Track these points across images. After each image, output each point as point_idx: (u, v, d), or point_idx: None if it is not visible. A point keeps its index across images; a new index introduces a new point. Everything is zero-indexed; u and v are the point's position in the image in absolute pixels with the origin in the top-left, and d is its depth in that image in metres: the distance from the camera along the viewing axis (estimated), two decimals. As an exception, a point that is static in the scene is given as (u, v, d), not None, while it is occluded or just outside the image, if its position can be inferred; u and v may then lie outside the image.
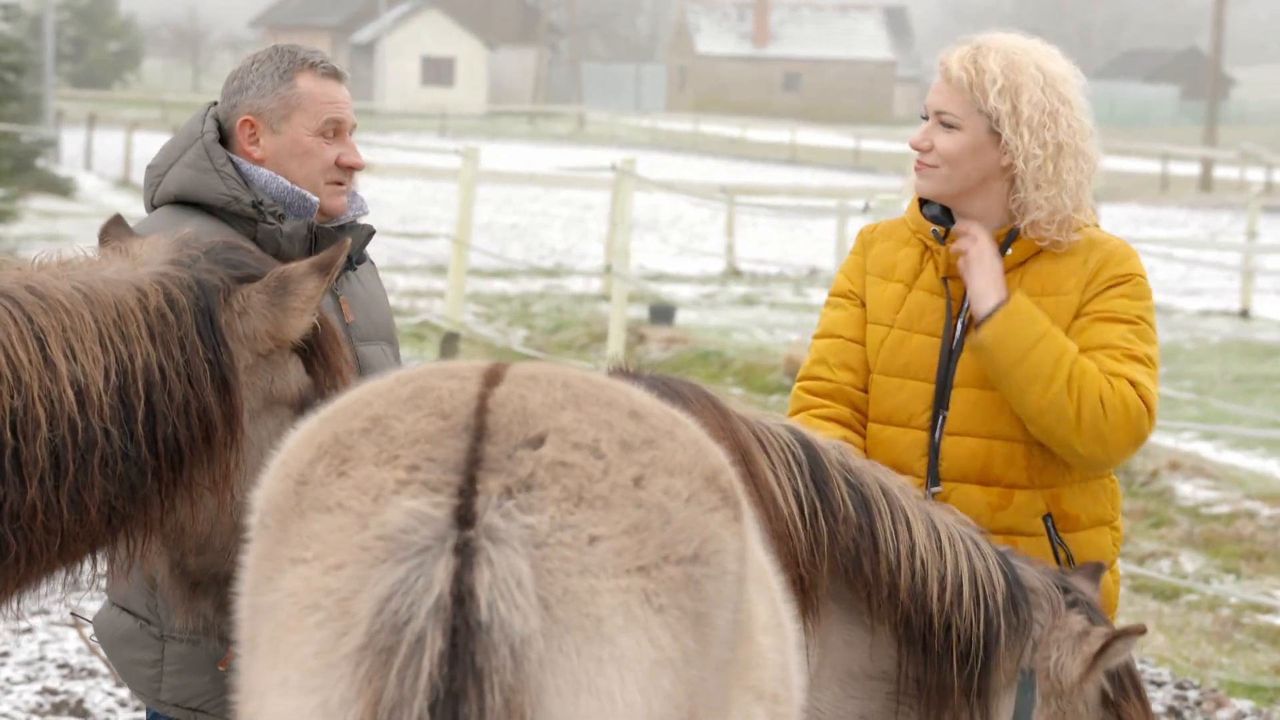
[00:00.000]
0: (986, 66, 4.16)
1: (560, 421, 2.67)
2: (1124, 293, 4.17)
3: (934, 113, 4.22)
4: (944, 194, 4.23)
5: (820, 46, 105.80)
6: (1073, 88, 4.22)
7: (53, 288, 3.49)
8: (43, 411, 3.38)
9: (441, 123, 67.57)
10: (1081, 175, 4.19)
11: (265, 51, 4.32)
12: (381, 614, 2.44)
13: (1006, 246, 4.22)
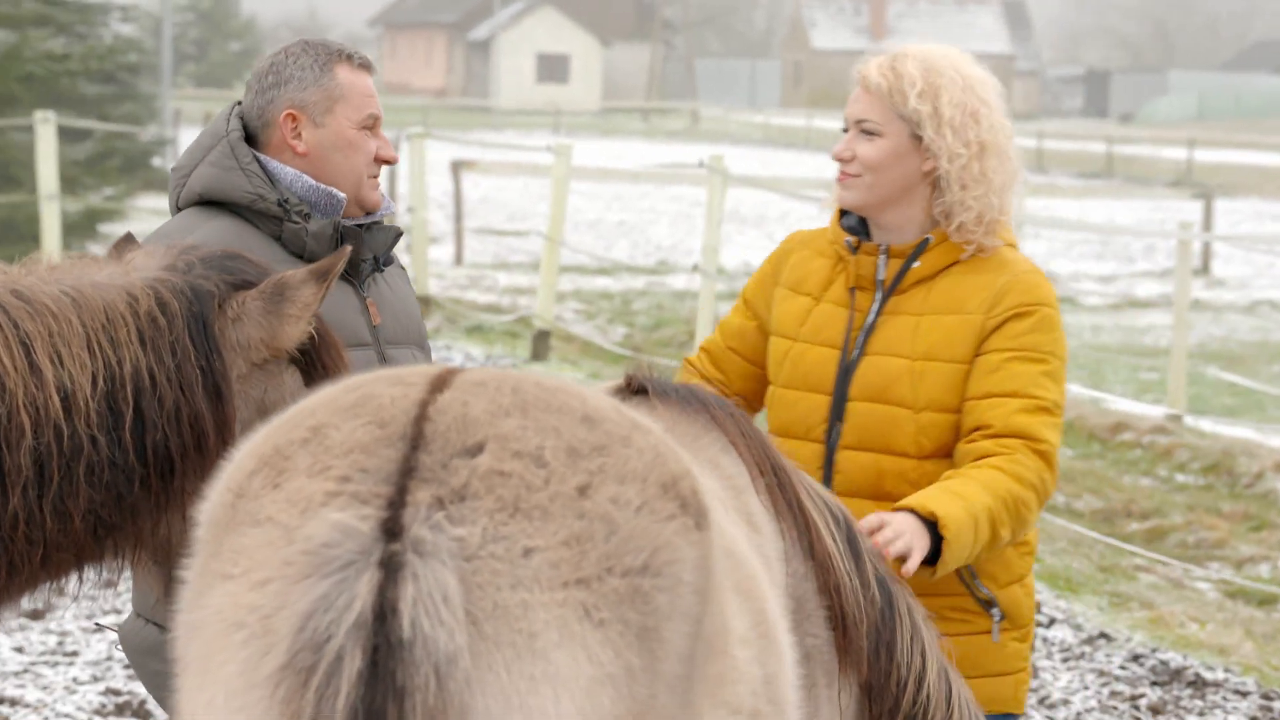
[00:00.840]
0: (905, 71, 4.12)
1: (502, 429, 2.58)
2: (1034, 326, 4.10)
3: (854, 122, 4.19)
4: (868, 203, 4.19)
5: (938, 40, 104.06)
6: (991, 91, 4.20)
7: (40, 292, 3.43)
8: (27, 419, 3.32)
9: (555, 120, 67.75)
10: (1006, 176, 4.14)
11: (295, 46, 4.23)
12: (302, 632, 2.37)
13: (914, 259, 4.17)
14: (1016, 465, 3.94)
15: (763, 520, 3.33)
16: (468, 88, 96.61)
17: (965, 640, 4.12)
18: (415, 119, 64.87)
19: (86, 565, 3.51)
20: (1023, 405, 4.01)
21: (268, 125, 4.17)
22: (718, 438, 3.41)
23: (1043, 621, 8.70)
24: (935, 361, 4.09)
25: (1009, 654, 4.18)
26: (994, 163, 4.12)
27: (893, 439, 4.11)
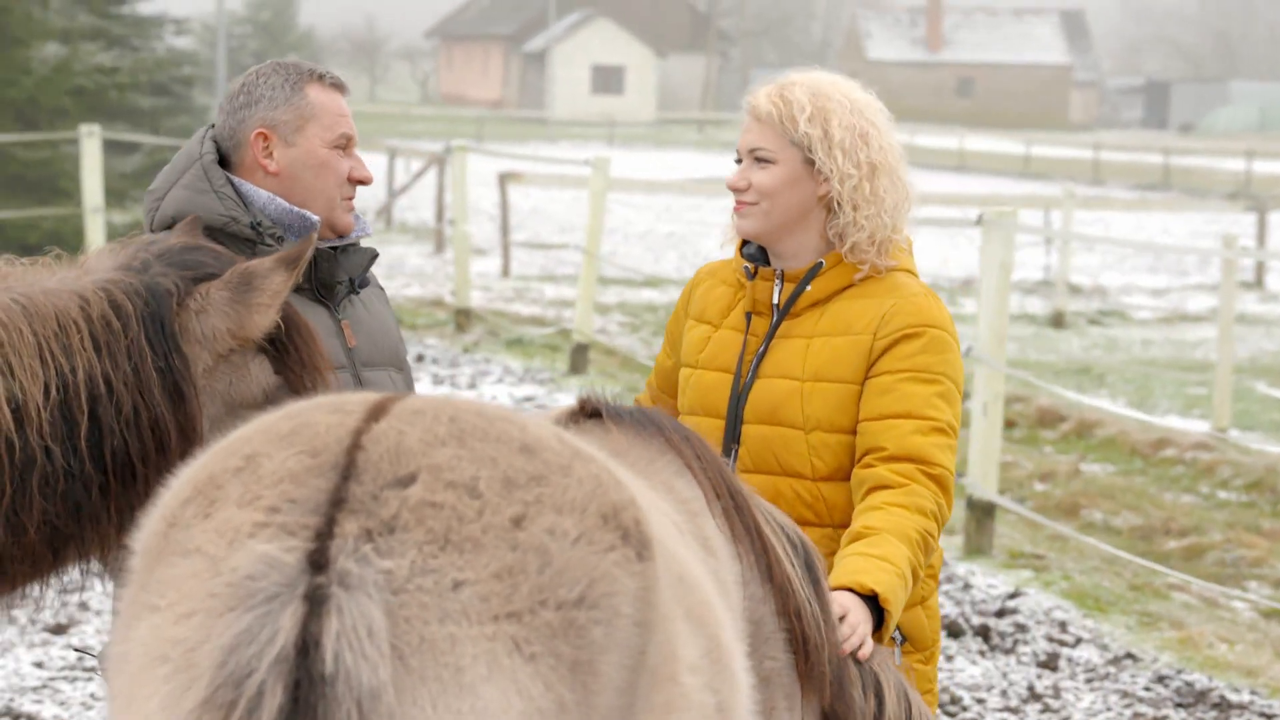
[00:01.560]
0: (793, 98, 4.18)
1: (436, 459, 2.55)
2: (925, 348, 4.14)
3: (747, 152, 4.24)
4: (765, 230, 4.24)
5: (994, 51, 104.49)
6: (879, 114, 4.25)
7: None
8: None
9: (610, 131, 67.80)
10: (898, 196, 4.19)
11: (267, 66, 4.21)
12: (225, 666, 2.35)
13: (806, 283, 4.22)
14: (914, 497, 4.00)
15: (719, 544, 3.30)
16: (523, 99, 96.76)
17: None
18: (470, 131, 65.06)
19: (46, 575, 3.47)
20: (916, 426, 4.06)
21: (239, 145, 4.14)
22: (672, 461, 3.38)
23: (1069, 641, 8.60)
24: (823, 382, 4.15)
25: (914, 677, 4.16)
26: (885, 182, 4.17)
27: (786, 460, 4.17)
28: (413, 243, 29.23)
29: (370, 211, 33.25)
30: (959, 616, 8.86)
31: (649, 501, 3.07)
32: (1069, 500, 11.99)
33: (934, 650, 4.25)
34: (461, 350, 17.04)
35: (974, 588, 9.48)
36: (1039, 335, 20.85)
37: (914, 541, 3.91)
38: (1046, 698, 7.81)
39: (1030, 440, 14.17)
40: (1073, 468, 12.99)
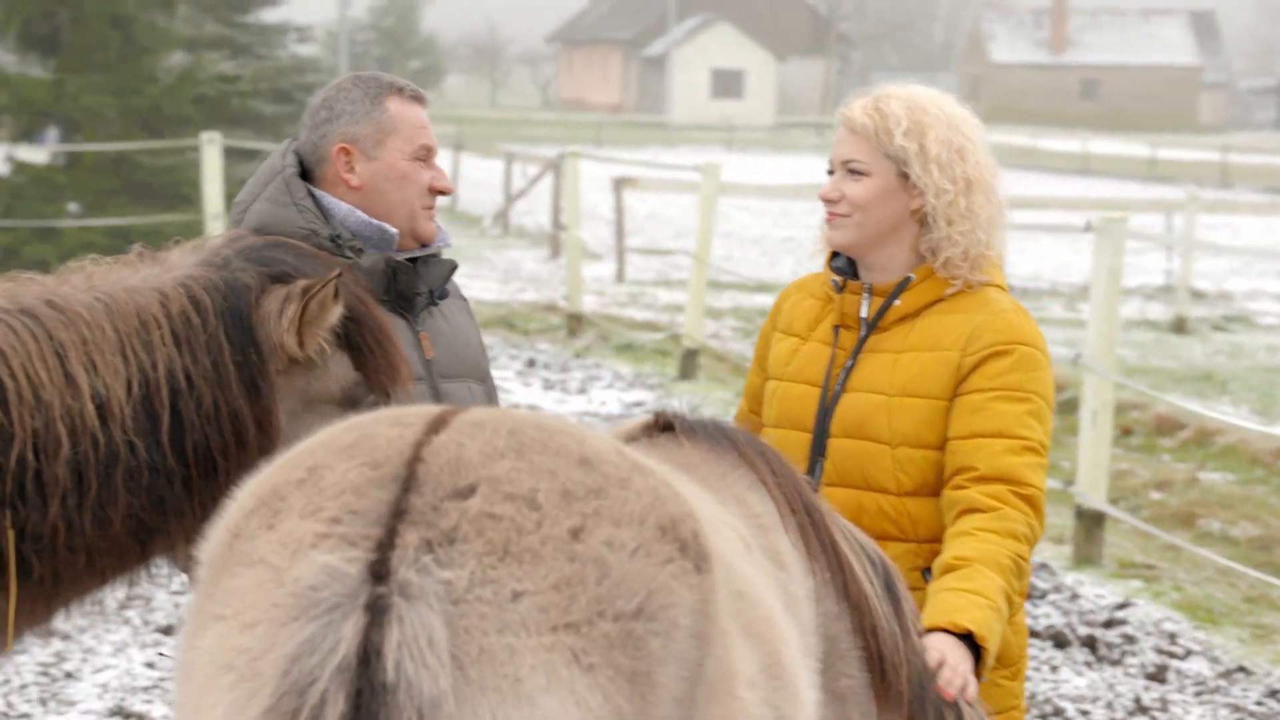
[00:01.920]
0: (890, 110, 4.15)
1: (495, 471, 2.57)
2: (1015, 365, 4.09)
3: (840, 163, 4.20)
4: (857, 243, 4.20)
5: (1120, 52, 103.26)
6: (974, 129, 4.21)
7: (73, 300, 3.47)
8: (64, 430, 3.36)
9: (728, 135, 67.78)
10: (992, 212, 4.16)
11: (347, 79, 4.26)
12: (287, 675, 2.39)
13: (895, 297, 4.19)
14: (1005, 521, 3.96)
15: (791, 559, 3.29)
16: (642, 104, 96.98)
17: None
18: (588, 135, 65.32)
19: (134, 568, 3.54)
20: (1008, 446, 4.02)
21: (322, 160, 4.20)
22: (745, 475, 3.38)
23: (1178, 654, 8.48)
24: (911, 397, 4.12)
25: (1000, 693, 4.16)
26: (980, 198, 4.14)
27: (871, 475, 4.14)
28: (529, 248, 29.41)
29: (487, 217, 33.52)
30: (1065, 626, 8.77)
31: (715, 515, 3.07)
32: (1185, 509, 11.81)
33: (1020, 666, 4.21)
34: (573, 355, 17.11)
35: (1082, 598, 9.37)
36: (1160, 341, 20.59)
37: (1006, 569, 3.87)
38: (1154, 710, 7.70)
39: (1148, 448, 13.99)
40: (1190, 476, 12.80)
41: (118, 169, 21.77)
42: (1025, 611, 8.80)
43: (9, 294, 3.47)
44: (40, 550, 3.36)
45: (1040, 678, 8.04)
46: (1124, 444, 14.04)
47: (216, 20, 31.89)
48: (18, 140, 22.04)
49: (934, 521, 4.10)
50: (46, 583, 3.41)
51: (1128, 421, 14.61)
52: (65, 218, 21.36)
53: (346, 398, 3.64)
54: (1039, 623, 8.83)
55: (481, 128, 68.48)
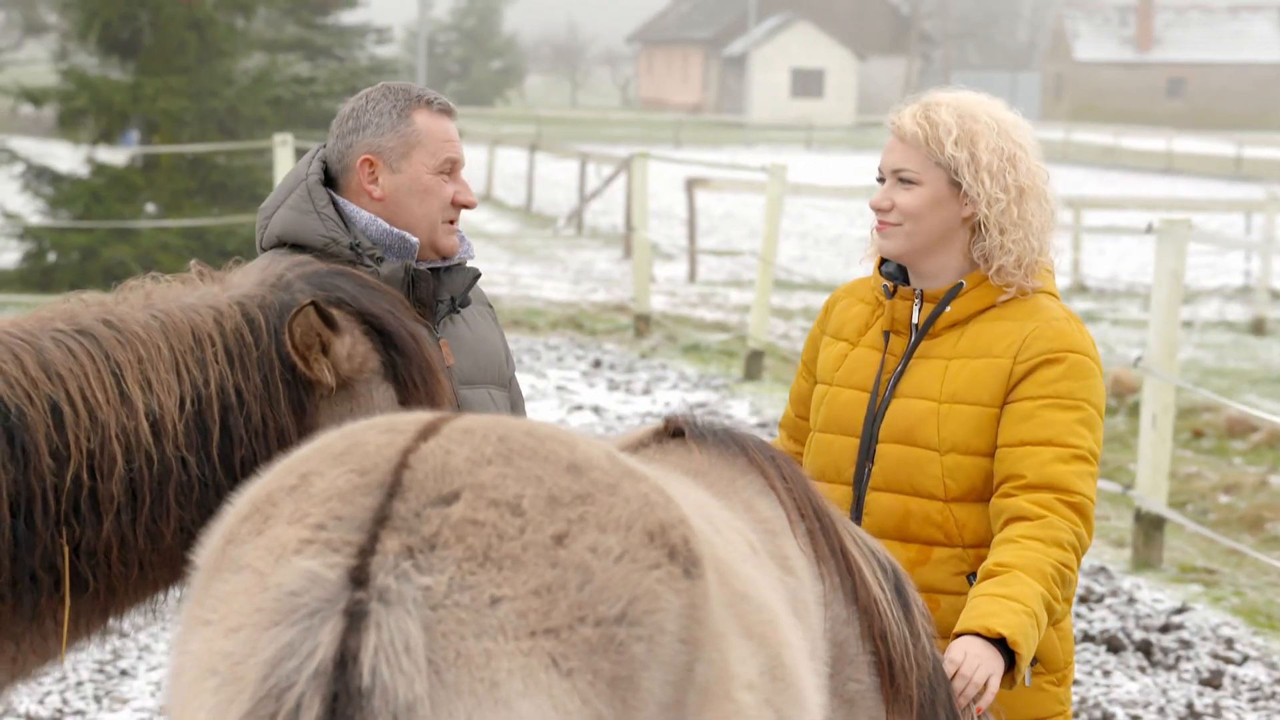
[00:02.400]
0: (940, 119, 4.14)
1: (480, 478, 2.60)
2: (1066, 373, 4.09)
3: (890, 172, 4.20)
4: (908, 251, 4.20)
5: (1207, 50, 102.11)
6: (1025, 135, 4.20)
7: (130, 320, 3.55)
8: (119, 448, 3.44)
9: (807, 135, 67.62)
10: (1045, 218, 4.16)
11: (377, 90, 4.28)
12: (267, 679, 2.42)
13: (946, 303, 4.18)
14: (1051, 529, 3.96)
15: (799, 564, 3.30)
16: (722, 103, 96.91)
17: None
18: (667, 135, 65.36)
19: (185, 578, 3.59)
20: (1057, 454, 4.02)
21: (347, 170, 4.23)
22: (755, 480, 3.39)
23: (1235, 659, 8.40)
24: (961, 404, 4.12)
25: (1044, 698, 4.16)
26: (1032, 206, 4.13)
27: (919, 481, 4.14)
28: (602, 248, 29.46)
29: (562, 217, 33.62)
30: (1120, 631, 8.70)
31: (720, 520, 3.09)
32: (1252, 513, 11.69)
33: (1066, 672, 4.21)
34: (639, 356, 17.13)
35: (1139, 602, 9.29)
36: (1238, 343, 20.37)
37: (1048, 576, 3.88)
38: (1206, 716, 7.63)
39: (1219, 451, 13.85)
40: (1260, 480, 12.66)
41: (194, 170, 22.01)
42: (1081, 616, 8.77)
43: (68, 315, 3.55)
44: (95, 565, 3.45)
45: (1092, 682, 7.98)
46: (1195, 446, 13.92)
47: (296, 22, 32.19)
48: (97, 142, 22.30)
49: (980, 527, 4.10)
50: (101, 595, 3.49)
51: (1199, 424, 14.48)
52: (143, 219, 21.61)
53: None
54: (1094, 627, 8.76)
55: (560, 128, 68.69)
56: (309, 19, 32.40)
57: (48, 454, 3.39)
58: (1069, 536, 3.94)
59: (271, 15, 30.20)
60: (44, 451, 3.38)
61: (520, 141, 43.13)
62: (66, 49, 25.24)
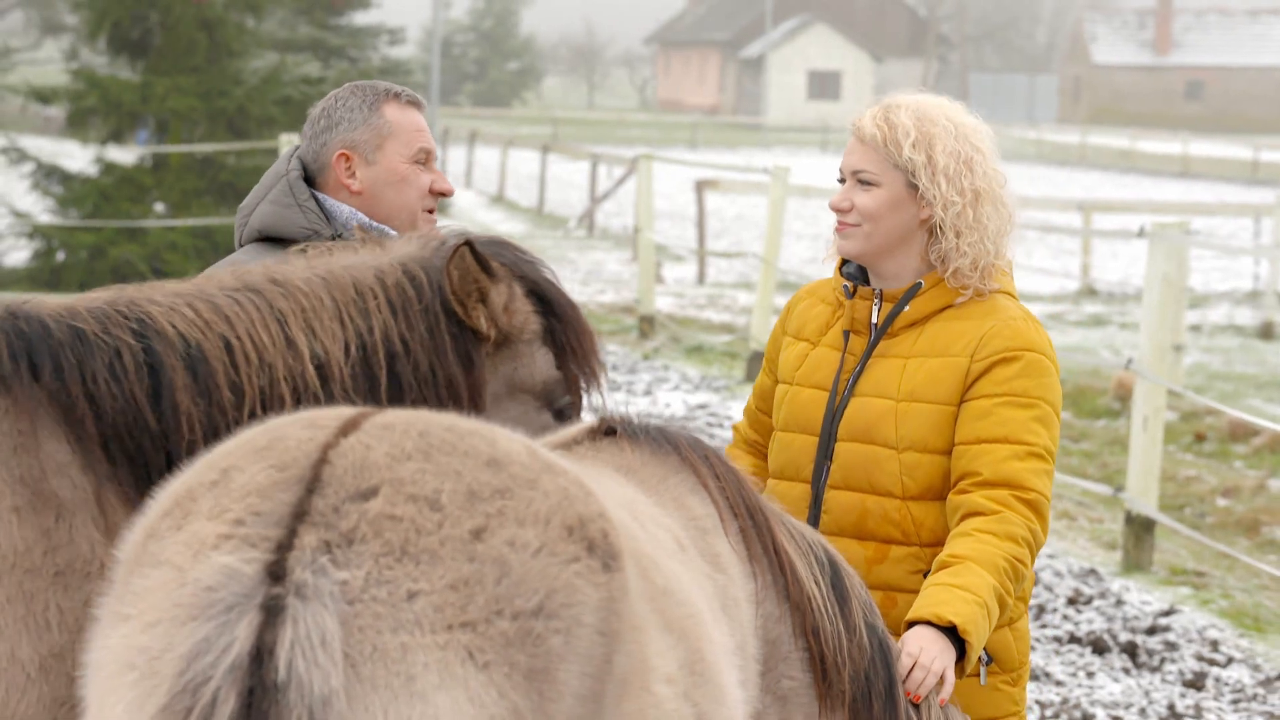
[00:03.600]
0: (899, 121, 4.18)
1: (399, 473, 2.63)
2: (1022, 371, 4.12)
3: (850, 173, 4.24)
4: (866, 252, 4.24)
5: (1227, 53, 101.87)
6: (984, 139, 4.24)
7: (293, 276, 3.67)
8: (287, 390, 3.53)
9: (824, 137, 67.60)
10: (1001, 222, 4.19)
11: (345, 89, 4.37)
12: (183, 674, 2.44)
13: (904, 303, 4.22)
14: (1005, 524, 4.00)
15: (730, 561, 3.33)
16: (739, 105, 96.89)
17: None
18: (684, 137, 65.38)
19: None
20: (1013, 451, 4.06)
21: (324, 168, 4.31)
22: (687, 478, 3.42)
23: (1220, 661, 8.41)
24: (918, 403, 4.15)
25: (999, 698, 4.18)
26: (988, 209, 4.17)
27: (876, 479, 4.17)
28: (612, 249, 29.49)
29: (573, 218, 33.65)
30: (1106, 633, 8.71)
31: (647, 515, 3.11)
32: (1249, 516, 11.70)
33: (1020, 672, 4.24)
34: (641, 357, 17.16)
35: (1127, 604, 9.30)
36: (1246, 346, 20.35)
37: (1001, 569, 3.92)
38: (1187, 717, 7.64)
39: (1221, 454, 13.85)
40: (1259, 483, 12.67)
41: (203, 170, 22.09)
42: (1068, 618, 8.78)
43: (235, 275, 3.68)
44: None
45: (1075, 683, 8.00)
46: (1196, 450, 13.92)
47: (310, 23, 32.29)
48: (106, 141, 22.39)
49: (938, 526, 4.14)
50: None
51: (1201, 427, 14.49)
52: (151, 218, 21.69)
53: (546, 393, 3.79)
54: (1080, 628, 8.78)
55: (577, 129, 68.73)
56: (322, 19, 32.50)
57: (226, 388, 3.49)
58: (1023, 532, 3.98)
59: (285, 16, 30.29)
60: (223, 385, 3.49)
61: (535, 143, 43.17)
62: (78, 49, 25.35)
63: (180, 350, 3.48)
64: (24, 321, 3.43)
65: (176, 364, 3.47)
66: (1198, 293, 24.59)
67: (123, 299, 3.55)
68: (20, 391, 3.36)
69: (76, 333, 3.45)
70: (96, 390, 3.40)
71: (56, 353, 3.41)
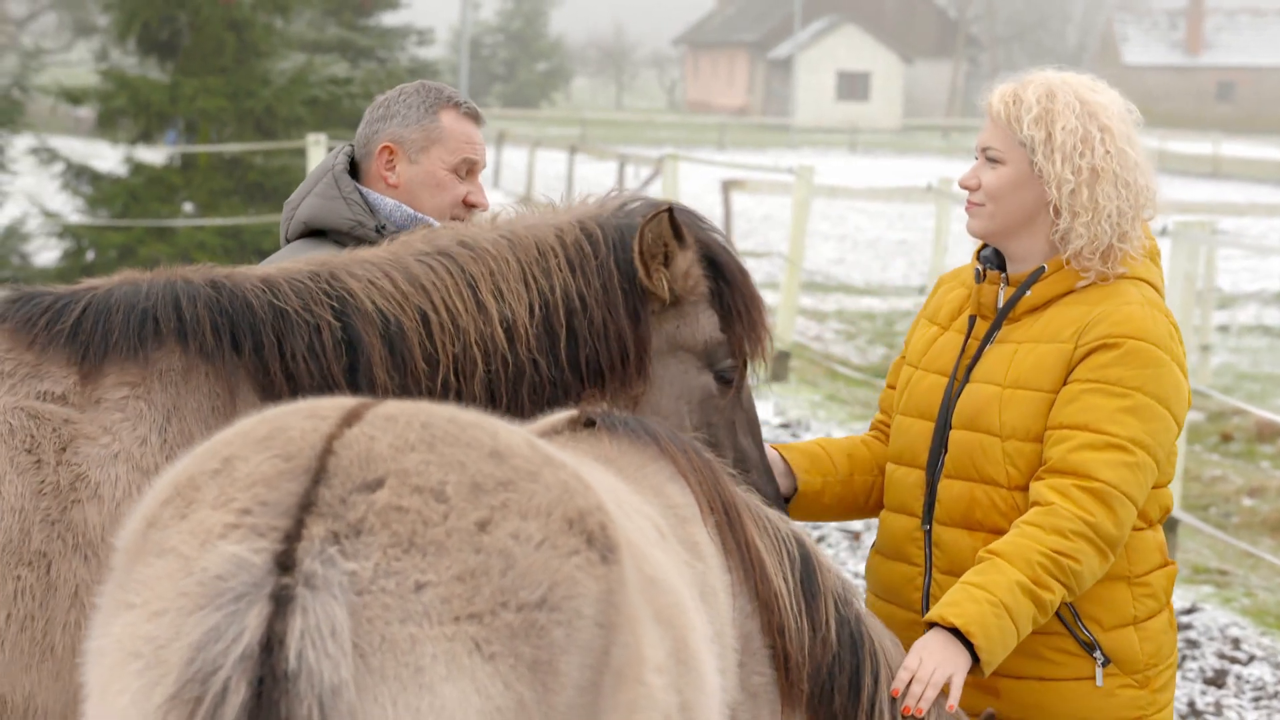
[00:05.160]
0: (1024, 97, 4.08)
1: (404, 464, 2.65)
2: (1119, 360, 3.97)
3: (980, 150, 4.15)
4: (991, 231, 4.15)
5: (1259, 53, 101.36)
6: (1114, 116, 4.07)
7: (481, 238, 3.84)
8: (479, 353, 3.72)
9: (852, 138, 67.48)
10: (1124, 204, 4.01)
11: (413, 85, 4.48)
12: (192, 663, 2.46)
13: (1026, 288, 4.12)
14: (1053, 516, 3.88)
15: (708, 550, 3.36)
16: (768, 106, 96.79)
17: (1062, 685, 4.05)
18: (712, 138, 65.33)
19: None
20: (1088, 440, 3.92)
21: (368, 156, 4.44)
22: (665, 467, 3.44)
23: (1241, 659, 8.40)
24: (1022, 389, 4.05)
25: (1119, 701, 4.05)
26: (1108, 189, 4.01)
27: (984, 468, 4.08)
28: (641, 249, 29.45)
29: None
30: (1127, 632, 8.70)
31: (629, 504, 3.14)
32: (1275, 516, 11.68)
33: (1150, 674, 4.07)
34: (667, 357, 17.15)
35: (1149, 604, 9.28)
36: (1273, 347, 20.29)
37: (1035, 564, 3.80)
38: (1207, 715, 7.64)
39: (1247, 455, 13.83)
40: (1285, 483, 12.65)
41: (231, 170, 22.16)
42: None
43: (427, 239, 3.87)
44: None
45: (1096, 683, 7.99)
46: (1223, 450, 13.89)
47: (338, 24, 32.35)
48: (135, 142, 22.48)
49: None
50: None
51: (1228, 428, 14.46)
52: (180, 218, 21.77)
53: (707, 354, 3.92)
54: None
55: (605, 130, 68.72)
56: (351, 20, 32.55)
57: (421, 359, 3.67)
58: (1072, 524, 3.84)
59: (314, 17, 30.35)
60: (419, 357, 3.67)
61: (562, 143, 43.18)
62: (107, 49, 25.45)
63: (379, 326, 3.67)
64: (227, 298, 3.63)
65: (375, 341, 3.66)
66: (1226, 293, 24.52)
67: (325, 272, 3.73)
68: (221, 363, 3.56)
69: (278, 311, 3.64)
70: (295, 368, 3.60)
71: (258, 330, 3.61)
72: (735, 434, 4.03)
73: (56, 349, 3.54)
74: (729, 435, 4.02)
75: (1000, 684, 4.07)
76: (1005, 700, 4.08)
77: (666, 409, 3.93)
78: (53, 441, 3.43)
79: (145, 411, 3.50)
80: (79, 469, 3.42)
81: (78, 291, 3.74)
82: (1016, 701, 4.07)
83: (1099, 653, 4.01)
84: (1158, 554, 4.15)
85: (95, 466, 3.42)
